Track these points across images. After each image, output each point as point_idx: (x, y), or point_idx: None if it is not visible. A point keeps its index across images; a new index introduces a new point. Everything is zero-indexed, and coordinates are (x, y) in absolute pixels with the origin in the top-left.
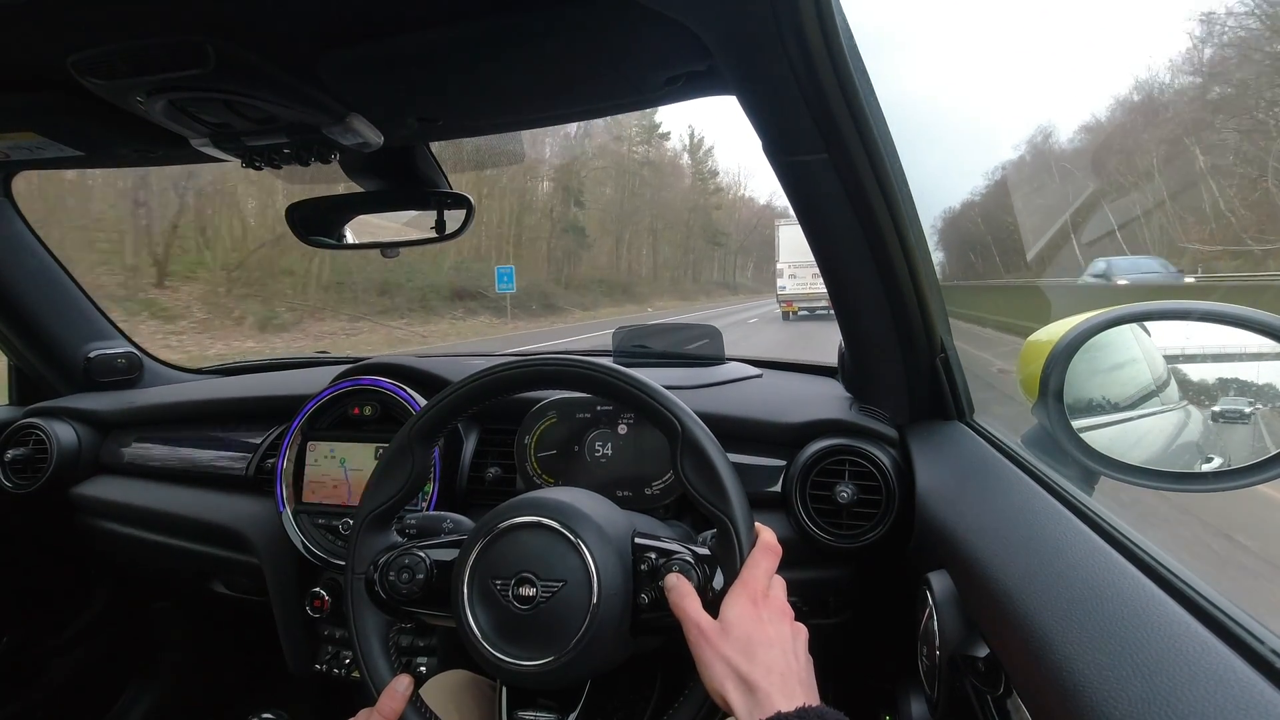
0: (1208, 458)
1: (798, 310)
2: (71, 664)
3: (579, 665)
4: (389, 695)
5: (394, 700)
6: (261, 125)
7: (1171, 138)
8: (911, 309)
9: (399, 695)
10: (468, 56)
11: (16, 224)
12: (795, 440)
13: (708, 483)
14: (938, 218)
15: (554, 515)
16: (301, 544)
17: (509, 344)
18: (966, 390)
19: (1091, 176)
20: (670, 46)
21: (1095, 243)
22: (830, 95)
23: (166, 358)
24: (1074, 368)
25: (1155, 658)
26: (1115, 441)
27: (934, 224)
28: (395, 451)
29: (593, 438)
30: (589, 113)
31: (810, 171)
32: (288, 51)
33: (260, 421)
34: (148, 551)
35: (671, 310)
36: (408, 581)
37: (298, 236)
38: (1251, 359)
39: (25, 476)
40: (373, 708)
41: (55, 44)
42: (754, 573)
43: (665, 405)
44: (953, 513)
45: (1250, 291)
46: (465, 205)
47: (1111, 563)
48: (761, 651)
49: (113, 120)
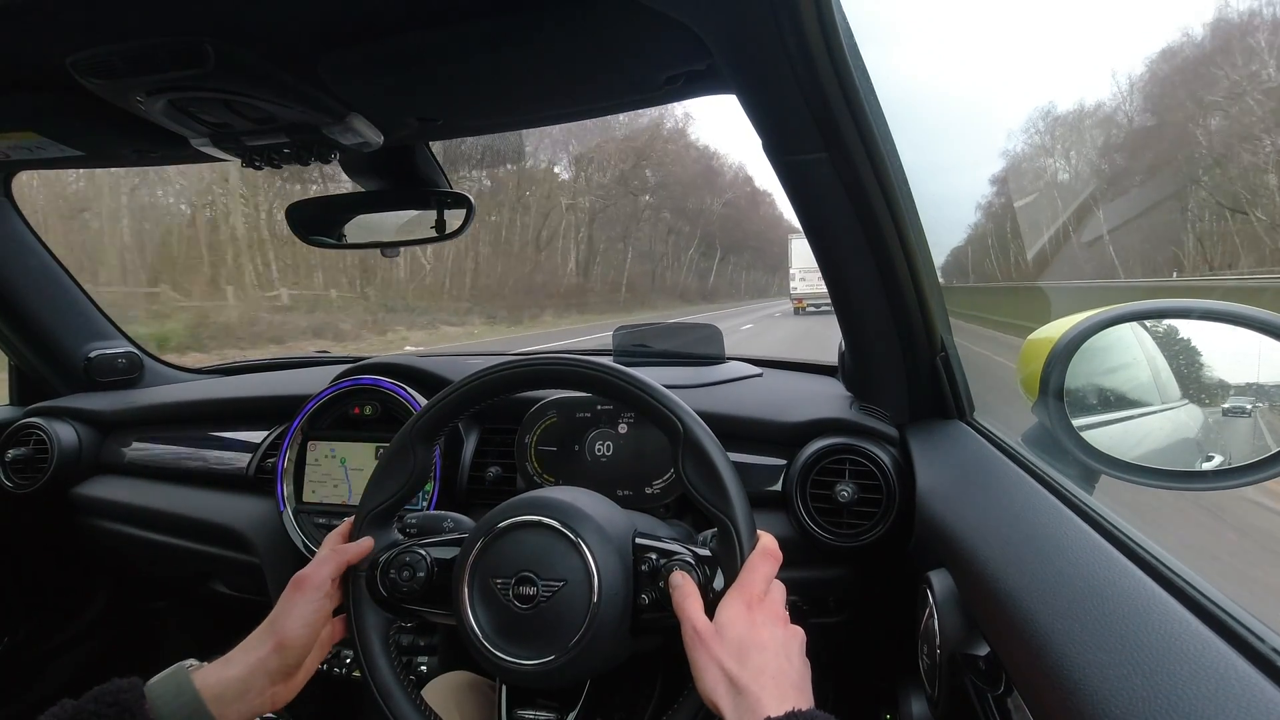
0: (1208, 456)
1: (806, 306)
2: (71, 664)
3: (579, 665)
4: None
5: (360, 548)
6: (261, 125)
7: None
8: (912, 308)
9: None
10: (468, 56)
11: (16, 224)
12: (795, 439)
13: (708, 482)
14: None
15: (554, 514)
16: (302, 543)
17: (512, 344)
18: (967, 389)
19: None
20: (670, 46)
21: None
22: (830, 94)
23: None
24: (1074, 366)
25: (1156, 656)
26: (1116, 440)
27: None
28: (396, 451)
29: (593, 437)
30: (589, 112)
31: (810, 171)
32: (288, 51)
33: (261, 421)
34: (148, 551)
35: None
36: (408, 580)
37: (298, 236)
38: (1252, 357)
39: (26, 476)
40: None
41: (55, 44)
42: (751, 576)
43: (666, 404)
44: (953, 511)
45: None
46: (465, 204)
47: (1112, 561)
48: (754, 655)
49: (113, 120)
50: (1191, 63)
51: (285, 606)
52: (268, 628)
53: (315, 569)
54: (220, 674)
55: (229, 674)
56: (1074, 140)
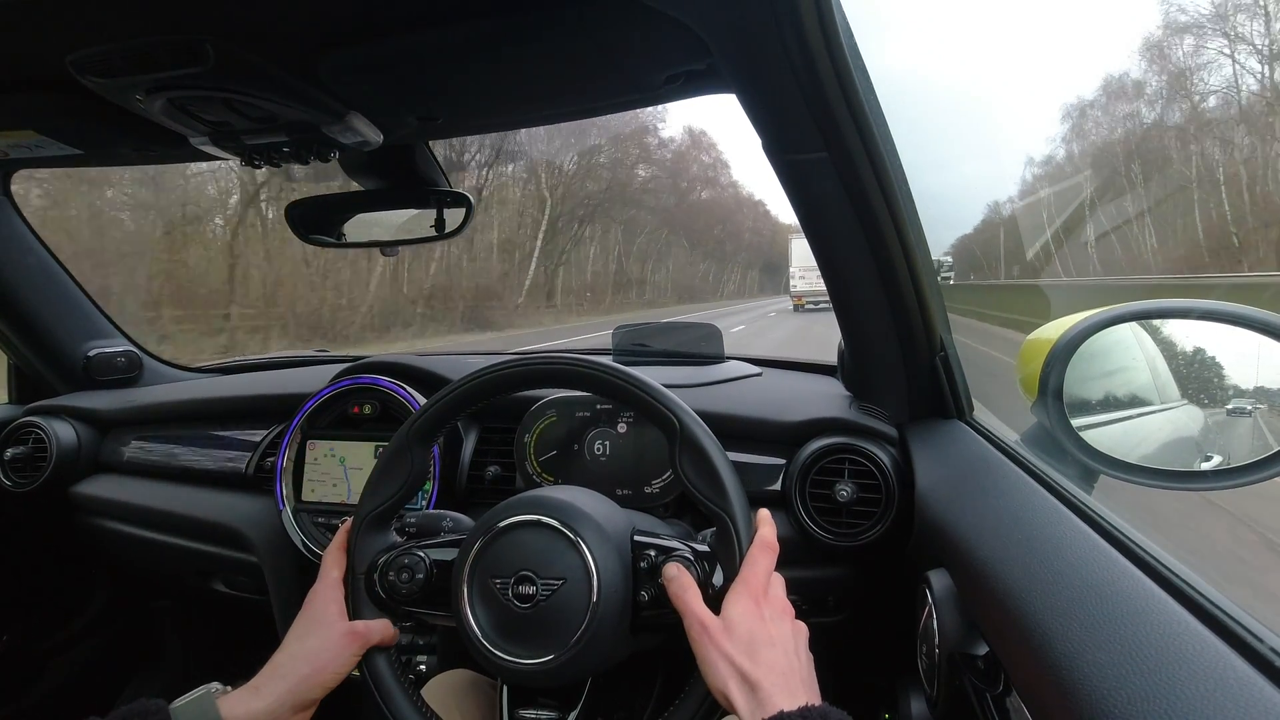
0: (1207, 456)
1: (805, 303)
2: (71, 663)
3: (579, 663)
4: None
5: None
6: (261, 124)
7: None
8: (911, 307)
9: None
10: (467, 55)
11: (16, 222)
12: (795, 439)
13: (707, 481)
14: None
15: (553, 514)
16: (301, 542)
17: (516, 343)
18: (966, 389)
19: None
20: (670, 45)
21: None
22: (830, 94)
23: None
24: (1074, 366)
25: (1154, 656)
26: (1115, 440)
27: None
28: (395, 450)
29: (592, 436)
30: (588, 111)
31: (810, 170)
32: (287, 50)
33: (260, 420)
34: (147, 550)
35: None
36: (407, 581)
37: (297, 235)
38: (1252, 357)
39: (25, 475)
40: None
41: (54, 43)
42: (754, 570)
43: (664, 403)
44: (952, 511)
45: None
46: (465, 204)
47: (1111, 561)
48: (764, 650)
49: (112, 119)
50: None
51: (322, 643)
52: (299, 656)
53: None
54: (248, 705)
55: (256, 706)
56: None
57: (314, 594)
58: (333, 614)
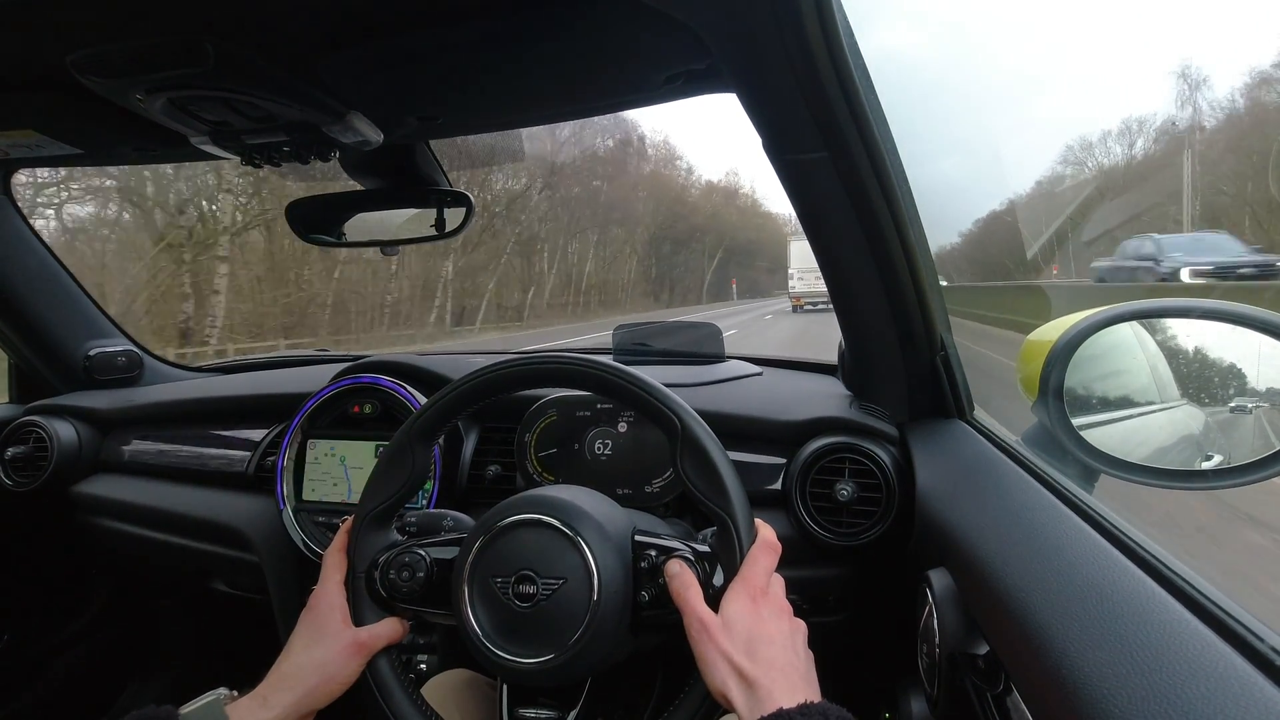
0: (1208, 455)
1: (804, 304)
2: (72, 662)
3: (580, 663)
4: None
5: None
6: (261, 123)
7: None
8: (911, 307)
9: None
10: (467, 55)
11: (16, 222)
12: (795, 438)
13: (707, 480)
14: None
15: (554, 513)
16: (302, 542)
17: (516, 342)
18: (967, 388)
19: None
20: (670, 45)
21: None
22: (830, 93)
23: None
24: (1074, 366)
25: (1155, 655)
26: (1115, 439)
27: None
28: (395, 449)
29: (593, 436)
30: (588, 111)
31: (810, 170)
32: (287, 50)
33: (260, 419)
34: (148, 550)
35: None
36: (408, 580)
37: (297, 234)
38: (1252, 357)
39: (25, 474)
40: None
41: (54, 42)
42: (754, 569)
43: (665, 403)
44: (953, 510)
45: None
46: (465, 203)
47: (1111, 560)
48: (763, 648)
49: (112, 118)
50: None
51: (328, 654)
52: (307, 668)
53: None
54: (256, 716)
55: (264, 717)
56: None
57: (316, 599)
58: (338, 623)
